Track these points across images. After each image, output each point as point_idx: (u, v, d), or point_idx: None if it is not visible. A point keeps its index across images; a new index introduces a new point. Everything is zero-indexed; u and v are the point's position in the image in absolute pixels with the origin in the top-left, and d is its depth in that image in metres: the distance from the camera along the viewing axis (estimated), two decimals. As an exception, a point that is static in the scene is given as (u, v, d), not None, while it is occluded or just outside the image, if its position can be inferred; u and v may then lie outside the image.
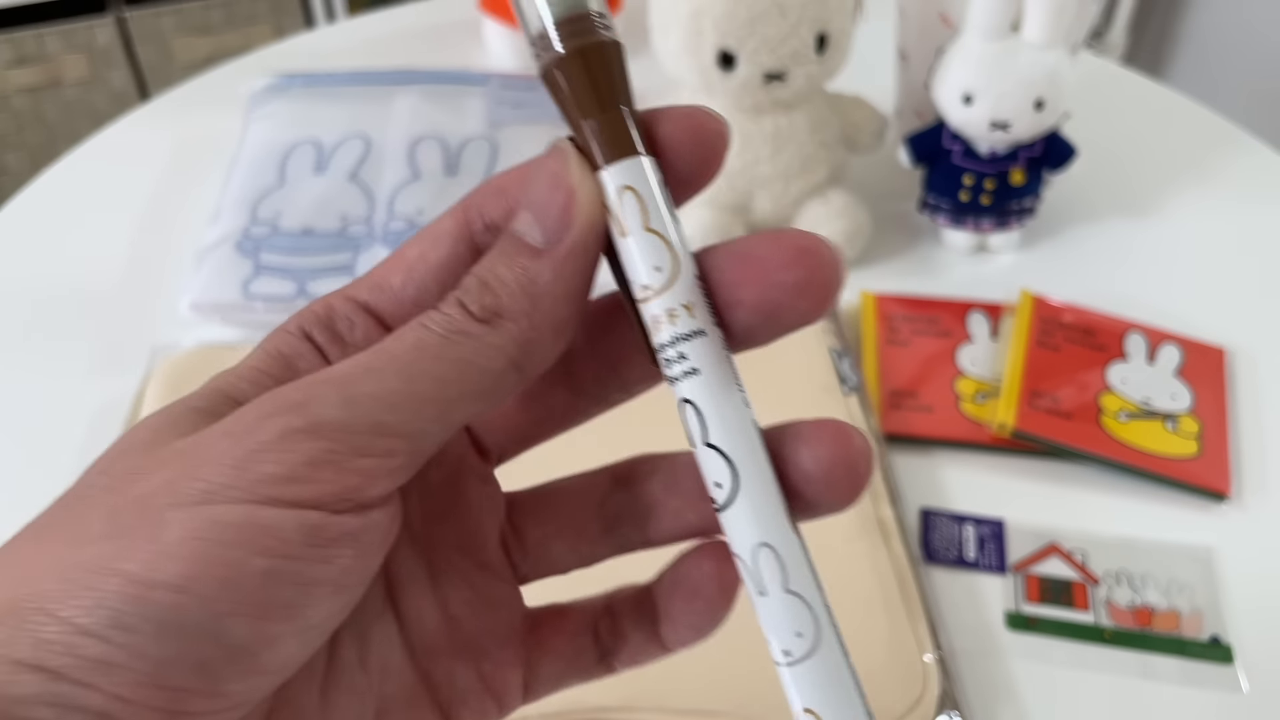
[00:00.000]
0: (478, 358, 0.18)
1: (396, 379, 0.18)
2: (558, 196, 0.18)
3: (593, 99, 0.19)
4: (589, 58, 0.19)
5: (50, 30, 1.45)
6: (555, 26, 0.18)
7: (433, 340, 0.18)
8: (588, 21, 0.19)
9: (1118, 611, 0.48)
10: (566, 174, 0.18)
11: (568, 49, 0.18)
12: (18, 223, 0.71)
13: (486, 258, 0.19)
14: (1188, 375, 0.58)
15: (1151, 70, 1.62)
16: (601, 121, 0.18)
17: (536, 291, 0.18)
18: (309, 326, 0.20)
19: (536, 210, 0.18)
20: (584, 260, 0.19)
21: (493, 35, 0.84)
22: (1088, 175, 0.68)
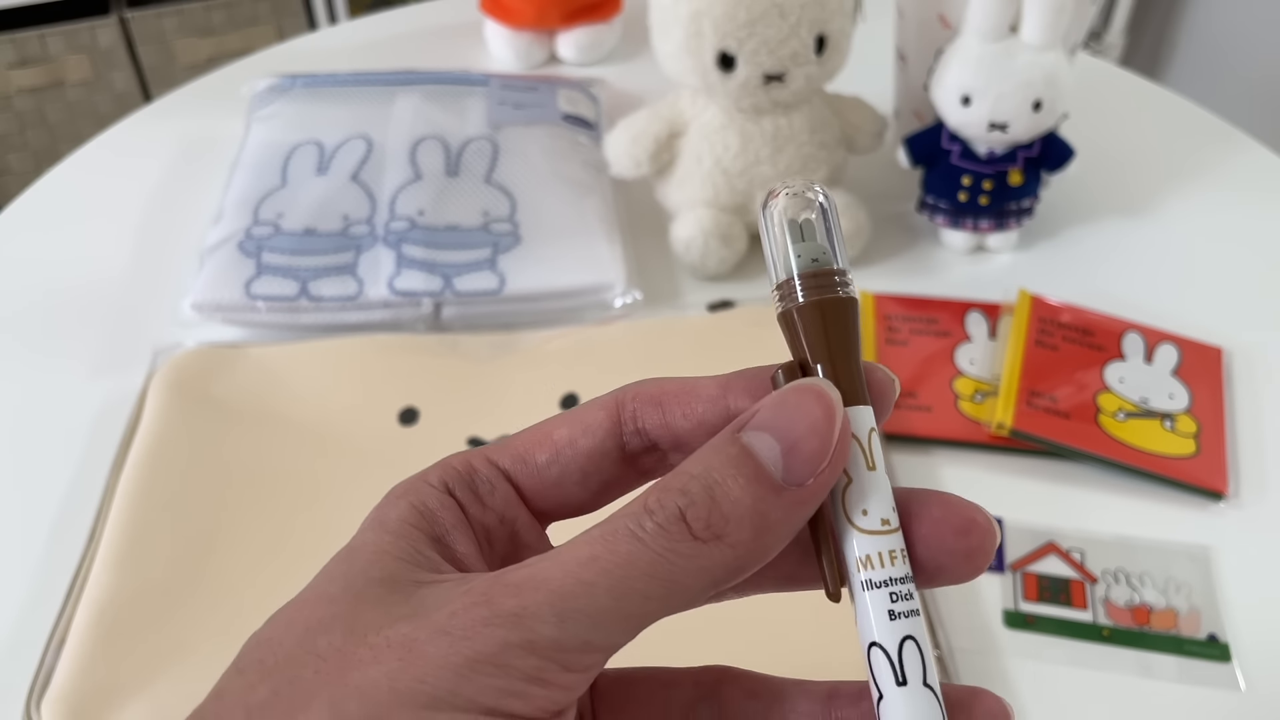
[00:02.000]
0: (686, 578, 0.18)
1: (607, 596, 0.18)
2: (814, 443, 0.18)
3: (827, 347, 0.20)
4: (827, 310, 0.20)
5: (53, 31, 1.46)
6: (800, 277, 0.20)
7: (646, 556, 0.18)
8: (831, 278, 0.20)
9: (1115, 610, 0.49)
10: (831, 427, 0.19)
11: (810, 300, 0.20)
12: (20, 223, 0.71)
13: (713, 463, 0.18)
14: (1185, 375, 0.59)
15: (1149, 71, 1.63)
16: (839, 367, 0.20)
17: (765, 525, 0.18)
18: (451, 483, 0.21)
19: (787, 446, 0.18)
20: (815, 505, 0.19)
21: (493, 36, 0.84)
22: (1086, 175, 0.68)
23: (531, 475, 0.22)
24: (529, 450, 0.22)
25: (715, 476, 0.18)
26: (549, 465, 0.21)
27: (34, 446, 0.56)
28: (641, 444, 0.21)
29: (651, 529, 0.18)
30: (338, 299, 0.61)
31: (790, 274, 0.20)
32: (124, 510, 0.50)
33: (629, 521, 0.18)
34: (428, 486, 0.21)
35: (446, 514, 0.21)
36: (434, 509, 0.21)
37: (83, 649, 0.45)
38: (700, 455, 0.19)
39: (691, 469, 0.18)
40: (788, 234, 0.21)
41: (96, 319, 0.64)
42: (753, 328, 0.59)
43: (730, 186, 0.63)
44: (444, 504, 0.21)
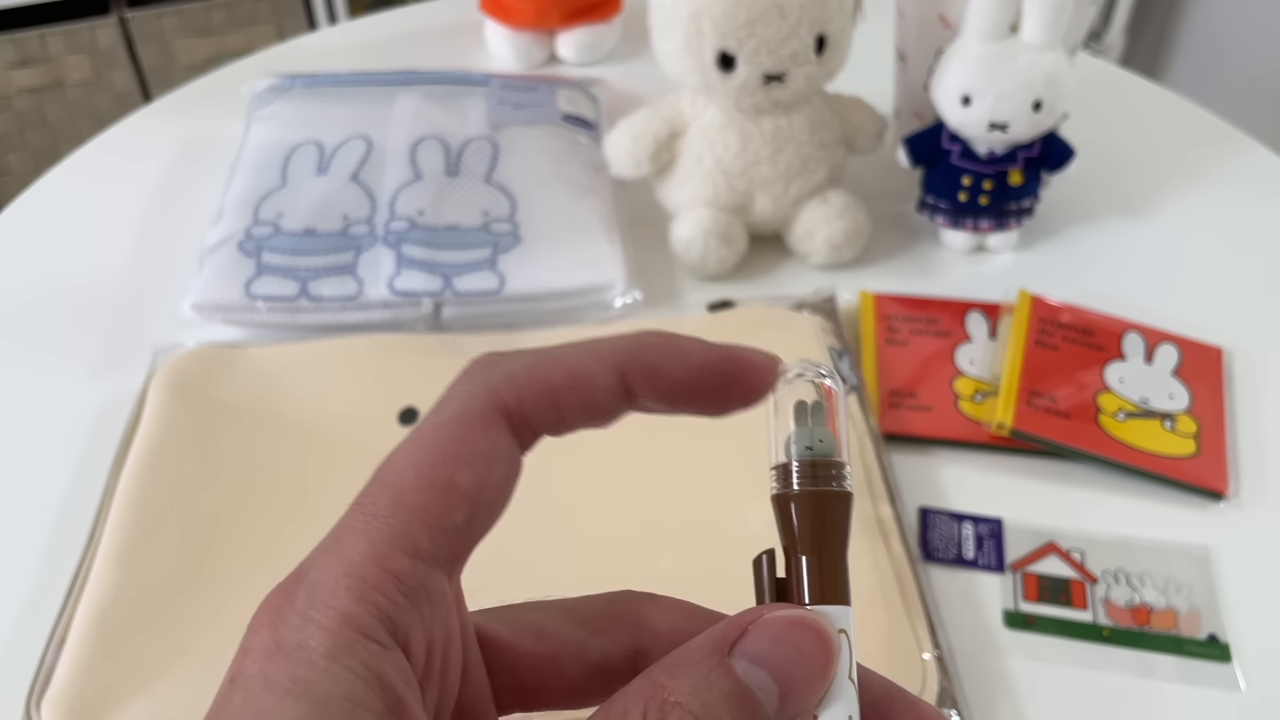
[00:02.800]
0: None
1: None
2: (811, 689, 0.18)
3: (817, 542, 0.19)
4: (823, 503, 0.20)
5: (53, 31, 1.46)
6: (804, 461, 0.20)
7: None
8: (829, 469, 0.20)
9: (1116, 610, 0.49)
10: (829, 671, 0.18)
11: (805, 489, 0.20)
12: (20, 223, 0.71)
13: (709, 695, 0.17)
14: (1185, 375, 0.59)
15: (1149, 71, 1.63)
16: (825, 563, 0.19)
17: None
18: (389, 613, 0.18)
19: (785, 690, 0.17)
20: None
21: (494, 36, 0.84)
22: (1086, 176, 0.68)
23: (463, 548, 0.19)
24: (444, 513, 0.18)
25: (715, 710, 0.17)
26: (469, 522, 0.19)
27: (34, 446, 0.56)
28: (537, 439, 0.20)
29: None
30: (338, 299, 0.61)
31: (789, 458, 0.20)
32: (124, 510, 0.50)
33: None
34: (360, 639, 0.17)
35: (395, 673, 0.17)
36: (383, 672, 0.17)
37: (83, 649, 0.45)
38: (690, 672, 0.17)
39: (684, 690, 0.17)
40: (792, 416, 0.20)
41: (96, 319, 0.64)
42: (753, 328, 0.59)
43: (730, 186, 0.63)
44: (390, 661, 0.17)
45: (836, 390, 0.21)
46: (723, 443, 0.48)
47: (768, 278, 0.65)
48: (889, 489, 0.52)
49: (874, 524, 0.49)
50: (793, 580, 0.19)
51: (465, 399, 0.19)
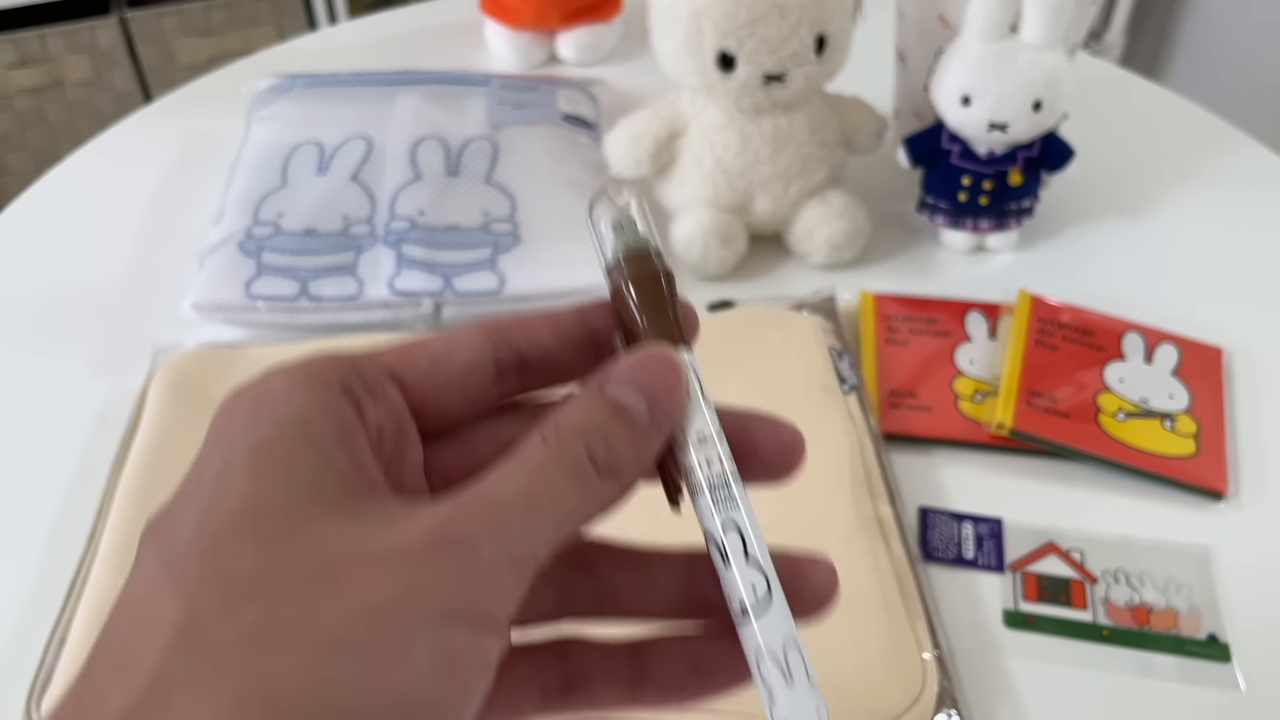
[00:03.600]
0: (593, 509, 0.21)
1: (552, 523, 0.20)
2: (669, 396, 0.22)
3: (654, 309, 0.24)
4: (650, 282, 0.24)
5: (53, 31, 1.46)
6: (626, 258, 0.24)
7: (574, 491, 0.21)
8: (648, 256, 0.24)
9: (1115, 610, 0.49)
10: (680, 382, 0.22)
11: (633, 274, 0.24)
12: (21, 223, 0.71)
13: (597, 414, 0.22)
14: (1185, 375, 0.59)
15: (1149, 71, 1.63)
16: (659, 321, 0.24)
17: (641, 464, 0.22)
18: (346, 380, 0.21)
19: (650, 400, 0.22)
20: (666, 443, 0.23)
21: (494, 37, 0.84)
22: (1086, 176, 0.68)
23: (416, 377, 0.22)
24: (410, 355, 0.23)
25: (603, 425, 0.21)
26: (431, 370, 0.22)
27: (34, 446, 0.56)
28: (511, 360, 0.24)
29: (572, 467, 0.21)
30: (338, 299, 0.61)
31: (616, 257, 0.24)
32: (124, 510, 0.50)
33: (553, 460, 0.21)
34: (321, 384, 0.21)
35: (346, 414, 0.21)
36: (334, 409, 0.21)
37: (83, 649, 0.45)
38: (579, 406, 0.22)
39: (575, 419, 0.21)
40: (609, 226, 0.25)
41: (97, 319, 0.64)
42: (753, 328, 0.59)
43: (730, 186, 0.63)
44: (341, 404, 0.21)
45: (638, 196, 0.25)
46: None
47: (768, 278, 0.65)
48: (889, 489, 0.52)
49: (874, 524, 0.49)
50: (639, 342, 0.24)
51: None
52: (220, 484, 0.19)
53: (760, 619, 0.22)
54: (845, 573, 0.51)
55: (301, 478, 0.20)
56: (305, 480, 0.19)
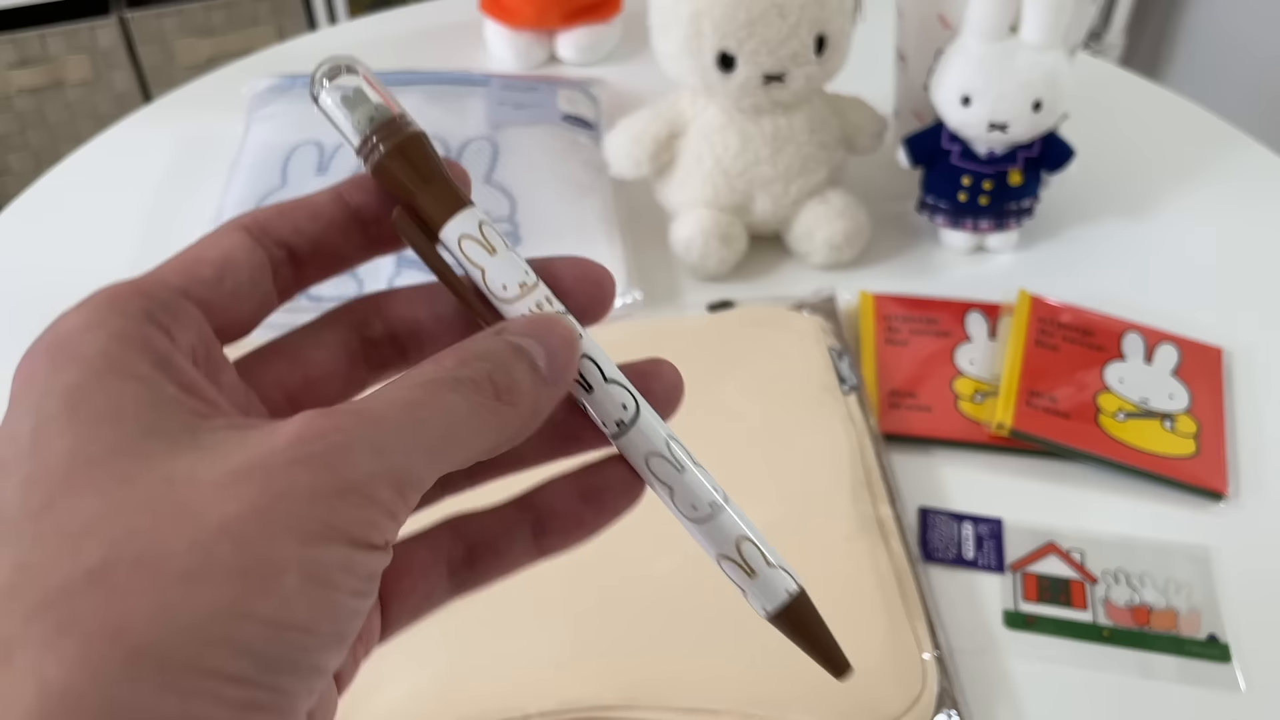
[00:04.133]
0: (486, 431, 0.20)
1: (436, 436, 0.19)
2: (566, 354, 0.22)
3: (419, 178, 0.23)
4: (407, 149, 0.23)
5: (53, 31, 1.46)
6: (374, 132, 0.23)
7: (464, 407, 0.20)
8: (395, 124, 0.23)
9: (1115, 610, 0.49)
10: (575, 345, 0.22)
11: (389, 146, 0.23)
12: (21, 223, 0.71)
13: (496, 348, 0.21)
14: (1185, 375, 0.59)
15: (1149, 71, 1.63)
16: (437, 187, 0.23)
17: (537, 405, 0.21)
18: (144, 307, 0.20)
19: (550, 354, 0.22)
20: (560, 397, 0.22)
21: (493, 37, 0.84)
22: (1085, 176, 0.68)
23: (208, 291, 0.21)
24: (191, 269, 0.21)
25: (504, 359, 0.21)
26: (219, 280, 0.21)
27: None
28: (281, 254, 0.23)
29: (467, 384, 0.20)
30: (337, 299, 0.61)
31: (364, 134, 0.23)
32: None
33: (444, 377, 0.20)
34: (116, 316, 0.19)
35: (156, 341, 0.19)
36: (141, 337, 0.19)
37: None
38: (479, 341, 0.21)
39: (477, 348, 0.21)
40: (343, 107, 0.23)
41: (96, 319, 0.64)
42: (753, 328, 0.59)
43: (730, 186, 0.63)
44: (147, 331, 0.19)
45: (363, 68, 0.24)
46: (723, 441, 0.48)
47: (768, 278, 0.65)
48: (889, 489, 0.52)
49: (874, 524, 0.49)
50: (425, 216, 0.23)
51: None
52: (39, 441, 0.18)
53: (636, 426, 0.23)
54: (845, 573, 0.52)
55: (128, 418, 0.18)
56: (133, 420, 0.18)
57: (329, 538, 0.17)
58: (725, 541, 0.23)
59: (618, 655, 0.44)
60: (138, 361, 0.19)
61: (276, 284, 0.23)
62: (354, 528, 0.18)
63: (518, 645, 0.45)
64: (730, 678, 0.44)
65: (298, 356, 0.24)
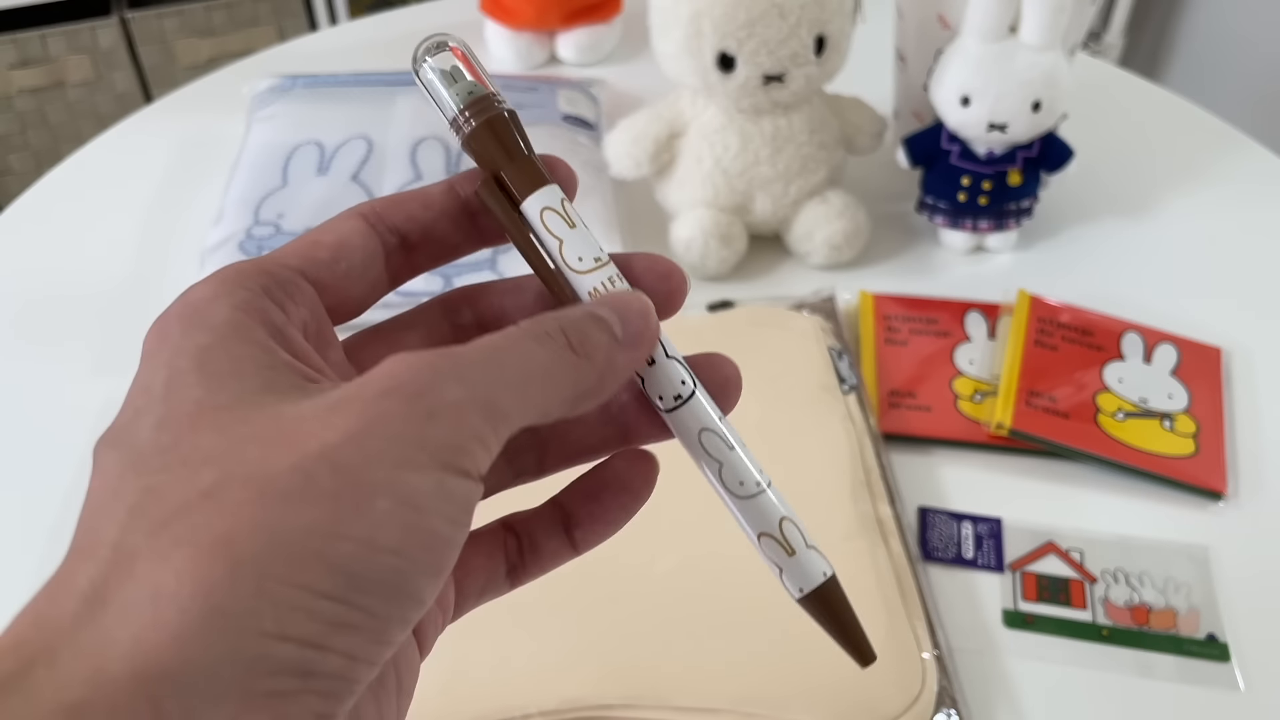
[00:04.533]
0: (566, 381, 0.21)
1: (519, 376, 0.20)
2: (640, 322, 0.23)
3: (507, 153, 0.24)
4: (497, 125, 0.24)
5: (54, 32, 1.46)
6: (466, 109, 0.24)
7: (543, 355, 0.21)
8: (489, 101, 0.24)
9: (1115, 610, 0.49)
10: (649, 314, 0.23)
11: (481, 121, 0.24)
12: (21, 223, 0.71)
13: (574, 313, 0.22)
14: (1184, 375, 0.59)
15: (1148, 72, 1.63)
16: (521, 165, 0.24)
17: (613, 364, 0.22)
18: (264, 284, 0.21)
19: (624, 320, 0.23)
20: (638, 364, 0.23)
21: (494, 37, 0.84)
22: (1085, 176, 0.68)
23: (323, 272, 0.23)
24: (309, 251, 0.23)
25: (579, 318, 0.22)
26: (334, 262, 0.23)
27: (34, 446, 0.56)
28: (394, 241, 0.24)
29: (544, 336, 0.21)
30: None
31: (456, 109, 0.24)
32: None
33: (523, 330, 0.21)
34: (241, 289, 0.21)
35: (273, 313, 0.21)
36: (260, 309, 0.21)
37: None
38: (558, 310, 0.22)
39: (556, 314, 0.22)
40: (441, 81, 0.25)
41: (97, 319, 0.64)
42: (753, 327, 0.59)
43: (730, 187, 0.63)
44: (266, 304, 0.21)
45: (464, 48, 0.25)
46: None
47: (768, 278, 0.65)
48: (888, 489, 0.52)
49: (874, 524, 0.50)
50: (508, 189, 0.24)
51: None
52: (171, 391, 0.19)
53: (694, 399, 0.24)
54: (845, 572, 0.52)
55: (249, 377, 0.19)
56: (254, 378, 0.19)
57: (420, 462, 0.18)
58: (769, 519, 0.24)
59: (618, 655, 0.44)
60: (257, 329, 0.20)
61: (389, 269, 0.24)
62: (444, 453, 0.18)
63: (518, 645, 0.45)
64: (730, 677, 0.44)
65: (395, 339, 0.25)
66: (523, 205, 0.24)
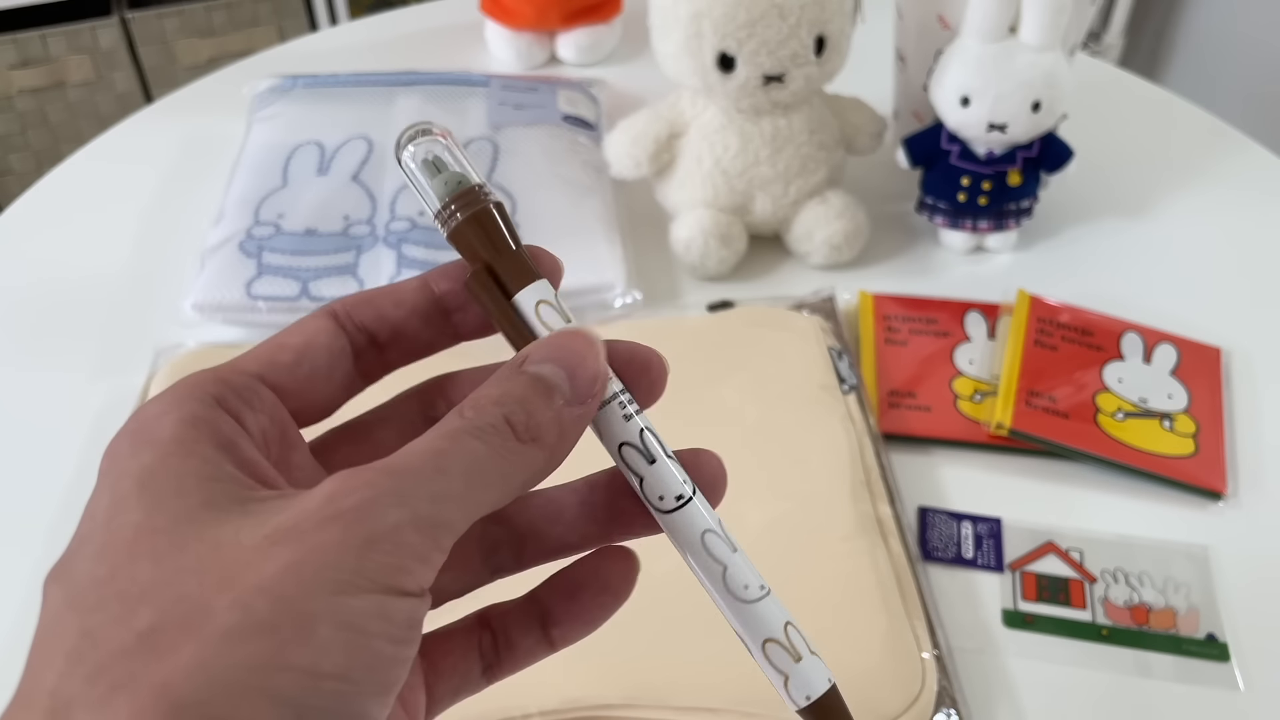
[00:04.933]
0: (515, 472, 0.21)
1: (462, 483, 0.20)
2: (589, 368, 0.22)
3: (494, 246, 0.24)
4: (484, 219, 0.24)
5: (54, 32, 1.46)
6: (453, 200, 0.24)
7: (486, 452, 0.21)
8: (475, 194, 0.24)
9: (1114, 609, 0.49)
10: (598, 356, 0.22)
11: (468, 215, 0.24)
12: (22, 223, 0.71)
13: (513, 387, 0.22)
14: (1184, 375, 0.59)
15: (1147, 72, 1.63)
16: (508, 260, 0.24)
17: (564, 432, 0.22)
18: (216, 394, 0.21)
19: (570, 372, 0.22)
20: (593, 414, 0.23)
21: (494, 37, 0.84)
22: (1084, 176, 0.68)
23: (284, 375, 0.23)
24: (271, 355, 0.23)
25: (521, 394, 0.22)
26: (297, 365, 0.23)
27: (34, 446, 0.56)
28: (363, 340, 0.24)
29: (487, 430, 0.21)
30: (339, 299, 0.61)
31: (444, 200, 0.24)
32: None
33: (464, 426, 0.21)
34: (191, 401, 0.21)
35: (223, 424, 0.21)
36: (209, 420, 0.21)
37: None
38: (496, 382, 0.22)
39: (493, 393, 0.22)
40: (424, 173, 0.24)
41: (98, 319, 0.64)
42: (753, 328, 0.59)
43: (730, 187, 0.63)
44: (216, 414, 0.21)
45: (448, 138, 0.24)
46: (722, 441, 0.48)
47: (767, 278, 0.66)
48: (888, 489, 0.52)
49: (873, 523, 0.50)
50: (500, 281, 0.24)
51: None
52: (112, 517, 0.19)
53: (695, 501, 0.23)
54: (845, 572, 0.52)
55: (190, 494, 0.19)
56: (194, 495, 0.19)
57: (360, 586, 0.18)
58: (774, 624, 0.23)
59: (619, 655, 0.44)
60: (202, 443, 0.20)
61: (360, 367, 0.24)
62: (384, 574, 0.18)
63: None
64: (730, 678, 0.44)
65: (367, 436, 0.25)
66: (515, 298, 0.24)
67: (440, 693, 0.24)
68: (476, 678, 0.25)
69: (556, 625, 0.25)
